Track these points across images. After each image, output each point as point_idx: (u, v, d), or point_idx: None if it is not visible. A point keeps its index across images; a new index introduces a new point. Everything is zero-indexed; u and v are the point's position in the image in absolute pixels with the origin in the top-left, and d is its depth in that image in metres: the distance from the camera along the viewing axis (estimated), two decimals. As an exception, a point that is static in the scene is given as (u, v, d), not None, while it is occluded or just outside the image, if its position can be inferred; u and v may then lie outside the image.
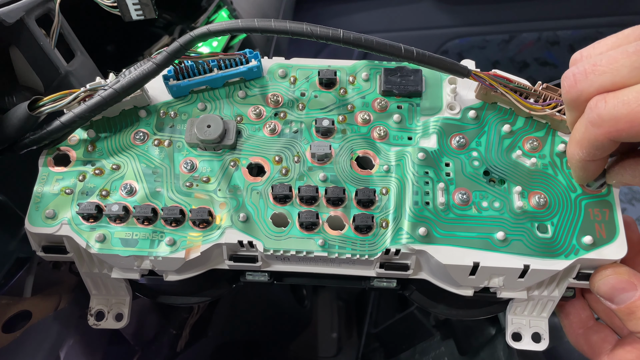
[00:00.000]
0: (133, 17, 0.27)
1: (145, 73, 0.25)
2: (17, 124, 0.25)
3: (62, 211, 0.26)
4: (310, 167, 0.27)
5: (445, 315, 0.32)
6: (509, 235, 0.25)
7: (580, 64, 0.21)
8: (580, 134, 0.22)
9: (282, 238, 0.25)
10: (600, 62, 0.20)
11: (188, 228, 0.26)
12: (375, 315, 0.59)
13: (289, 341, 0.64)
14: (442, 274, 0.26)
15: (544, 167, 0.27)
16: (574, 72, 0.21)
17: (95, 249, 0.25)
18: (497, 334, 0.40)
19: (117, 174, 0.27)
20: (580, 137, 0.22)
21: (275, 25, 0.24)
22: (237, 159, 0.27)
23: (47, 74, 0.29)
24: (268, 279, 0.28)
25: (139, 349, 0.41)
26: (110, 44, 0.47)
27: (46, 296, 0.32)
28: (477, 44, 0.84)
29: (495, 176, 0.27)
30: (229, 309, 0.50)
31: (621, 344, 0.27)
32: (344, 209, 0.26)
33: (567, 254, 0.25)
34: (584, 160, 0.23)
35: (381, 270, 0.26)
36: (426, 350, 0.49)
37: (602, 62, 0.20)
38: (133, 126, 0.28)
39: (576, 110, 0.22)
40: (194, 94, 0.29)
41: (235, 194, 0.26)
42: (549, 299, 0.28)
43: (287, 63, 0.30)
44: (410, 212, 0.25)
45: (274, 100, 0.29)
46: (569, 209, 0.26)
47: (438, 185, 0.26)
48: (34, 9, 0.28)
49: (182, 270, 0.26)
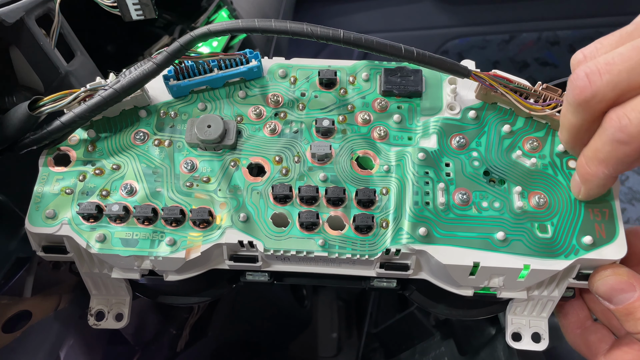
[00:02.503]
0: (133, 17, 0.27)
1: (146, 73, 0.25)
2: (17, 123, 0.25)
3: (62, 211, 0.26)
4: (310, 167, 0.27)
5: (445, 316, 0.32)
6: (509, 235, 0.25)
7: (592, 63, 0.20)
8: (606, 153, 0.21)
9: (282, 238, 0.25)
10: (614, 60, 0.19)
11: (188, 228, 0.26)
12: (375, 315, 0.59)
13: (289, 341, 0.64)
14: (442, 274, 0.26)
15: (544, 167, 0.27)
16: (586, 72, 0.20)
17: (96, 249, 0.25)
18: (497, 334, 0.40)
19: (118, 174, 0.27)
20: (605, 156, 0.21)
21: (276, 26, 0.24)
22: (238, 159, 0.27)
23: (47, 74, 0.29)
24: (268, 279, 0.28)
25: (139, 349, 0.41)
26: (110, 44, 0.47)
27: (46, 296, 0.32)
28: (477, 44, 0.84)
29: (495, 176, 0.27)
30: (229, 309, 0.50)
31: (618, 345, 0.27)
32: (344, 209, 0.26)
33: (567, 254, 0.25)
34: (609, 177, 0.22)
35: (381, 270, 0.26)
36: (426, 350, 0.49)
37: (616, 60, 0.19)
38: (133, 126, 0.28)
39: (586, 113, 0.21)
40: (194, 94, 0.29)
41: (235, 194, 0.26)
42: (548, 299, 0.28)
43: (288, 63, 0.30)
44: (411, 212, 0.25)
45: (274, 101, 0.29)
46: (568, 209, 0.26)
47: (438, 185, 0.26)
48: (34, 9, 0.28)
49: (183, 270, 0.26)
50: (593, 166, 0.22)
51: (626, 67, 0.19)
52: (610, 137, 0.20)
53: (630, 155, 0.20)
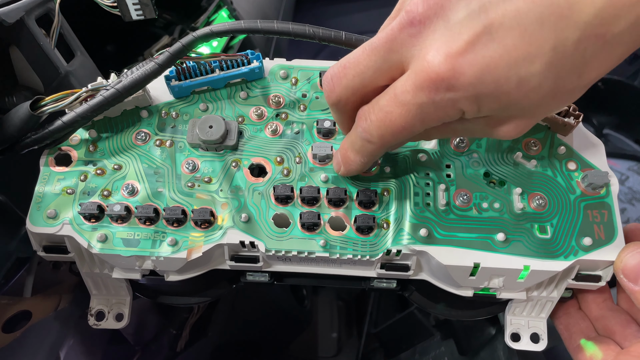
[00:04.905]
0: (133, 17, 0.27)
1: (148, 73, 0.25)
2: (18, 123, 0.25)
3: (63, 211, 0.26)
4: (311, 168, 0.27)
5: (444, 316, 0.32)
6: (509, 236, 0.25)
7: (335, 66, 0.21)
8: (359, 147, 0.22)
9: (283, 238, 0.25)
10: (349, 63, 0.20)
11: (190, 228, 0.26)
12: (375, 315, 0.60)
13: (289, 341, 0.64)
14: (443, 274, 0.26)
15: (544, 168, 0.27)
16: (331, 75, 0.21)
17: (97, 249, 0.25)
18: (497, 334, 0.40)
19: (119, 174, 0.27)
20: (359, 149, 0.23)
21: (278, 27, 0.24)
22: (239, 159, 0.27)
23: (47, 74, 0.29)
24: (269, 279, 0.28)
25: (139, 349, 0.41)
26: (110, 44, 0.47)
27: (46, 296, 0.32)
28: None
29: (495, 178, 0.27)
30: (229, 309, 0.50)
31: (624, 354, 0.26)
32: (345, 209, 0.26)
33: (566, 255, 0.25)
34: (366, 163, 0.24)
35: (382, 271, 0.26)
36: (426, 350, 0.49)
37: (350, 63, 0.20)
38: (135, 126, 0.28)
39: (340, 113, 0.22)
40: (195, 95, 0.29)
41: (237, 195, 0.26)
42: (547, 300, 0.28)
43: (289, 64, 0.30)
44: (411, 213, 0.26)
45: (275, 101, 0.29)
46: (568, 210, 0.26)
47: (439, 186, 0.26)
48: (34, 9, 0.28)
49: (184, 271, 0.26)
50: (351, 154, 0.23)
51: (357, 72, 0.20)
52: (359, 135, 0.22)
53: (377, 151, 0.22)
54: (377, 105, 0.20)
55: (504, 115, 0.20)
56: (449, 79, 0.18)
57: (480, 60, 0.17)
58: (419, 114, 0.19)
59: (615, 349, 0.25)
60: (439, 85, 0.18)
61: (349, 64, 0.20)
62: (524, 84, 0.18)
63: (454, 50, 0.17)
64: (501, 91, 0.18)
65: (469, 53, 0.17)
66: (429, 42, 0.18)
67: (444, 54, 0.17)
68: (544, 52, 0.17)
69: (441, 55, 0.17)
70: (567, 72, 0.18)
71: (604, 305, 0.28)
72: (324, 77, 0.21)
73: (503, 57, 0.17)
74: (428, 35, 0.18)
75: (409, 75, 0.19)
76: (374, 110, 0.20)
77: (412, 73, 0.18)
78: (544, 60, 0.17)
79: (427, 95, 0.18)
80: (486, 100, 0.18)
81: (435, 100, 0.18)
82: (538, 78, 0.17)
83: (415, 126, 0.20)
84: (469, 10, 0.17)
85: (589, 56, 0.17)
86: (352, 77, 0.20)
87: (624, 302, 0.28)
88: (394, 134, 0.20)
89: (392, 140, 0.21)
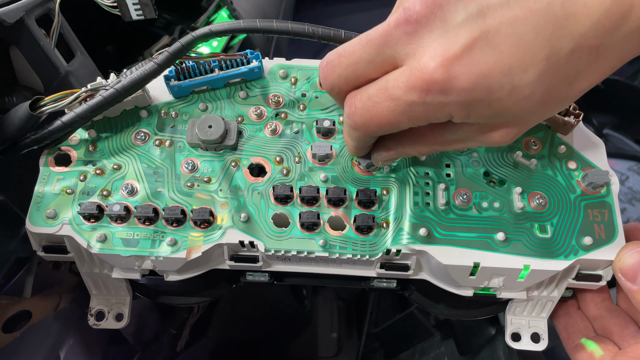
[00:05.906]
0: (133, 17, 0.27)
1: (147, 73, 0.25)
2: (18, 123, 0.25)
3: (63, 211, 0.26)
4: (311, 168, 0.27)
5: (444, 316, 0.32)
6: (509, 235, 0.25)
7: (332, 53, 0.21)
8: (347, 130, 0.23)
9: (283, 238, 0.25)
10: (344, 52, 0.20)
11: (189, 228, 0.26)
12: (375, 315, 0.59)
13: (289, 341, 0.64)
14: (443, 274, 0.26)
15: (544, 168, 0.27)
16: (327, 61, 0.21)
17: (96, 249, 0.25)
18: (497, 334, 0.40)
19: (118, 174, 0.27)
20: (347, 132, 0.23)
21: (277, 26, 0.24)
22: (238, 159, 0.27)
23: (47, 74, 0.29)
24: (268, 279, 0.28)
25: (139, 349, 0.41)
26: (110, 44, 0.47)
27: (46, 296, 0.32)
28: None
29: (495, 177, 0.27)
30: (229, 309, 0.50)
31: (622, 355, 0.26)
32: (344, 209, 0.26)
33: (566, 255, 0.25)
34: (361, 147, 0.24)
35: (382, 271, 0.26)
36: (426, 350, 0.49)
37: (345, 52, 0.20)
38: (134, 126, 0.28)
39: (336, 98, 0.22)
40: (195, 94, 0.29)
41: (236, 194, 0.26)
42: (548, 299, 0.28)
43: (288, 64, 0.30)
44: (411, 212, 0.26)
45: (275, 101, 0.29)
46: (568, 209, 0.26)
47: (439, 185, 0.26)
48: (34, 9, 0.28)
49: (183, 270, 0.26)
50: (347, 136, 0.24)
51: (350, 61, 0.20)
52: (346, 121, 0.22)
53: (362, 138, 0.22)
54: (365, 93, 0.20)
55: (495, 122, 0.20)
56: (443, 83, 0.18)
57: (475, 66, 0.17)
58: (407, 111, 0.19)
59: (613, 349, 0.25)
60: (432, 88, 0.18)
61: (344, 53, 0.20)
62: (517, 92, 0.18)
63: (450, 53, 0.17)
64: (493, 98, 0.18)
65: (465, 58, 0.17)
66: (425, 42, 0.18)
67: (440, 57, 0.17)
68: (538, 60, 0.17)
69: (437, 58, 0.17)
70: (559, 82, 0.18)
71: (602, 306, 0.28)
72: (320, 62, 0.22)
73: (498, 64, 0.17)
74: (424, 34, 0.18)
75: (402, 71, 0.19)
76: (361, 98, 0.20)
77: (406, 70, 0.18)
78: (537, 69, 0.17)
79: (419, 96, 0.18)
80: (477, 106, 0.18)
81: (426, 101, 0.18)
82: (530, 87, 0.17)
83: (402, 122, 0.20)
84: (467, 14, 0.17)
85: (581, 67, 0.17)
86: (346, 66, 0.20)
87: (623, 303, 0.28)
88: (379, 125, 0.20)
89: (377, 130, 0.21)
